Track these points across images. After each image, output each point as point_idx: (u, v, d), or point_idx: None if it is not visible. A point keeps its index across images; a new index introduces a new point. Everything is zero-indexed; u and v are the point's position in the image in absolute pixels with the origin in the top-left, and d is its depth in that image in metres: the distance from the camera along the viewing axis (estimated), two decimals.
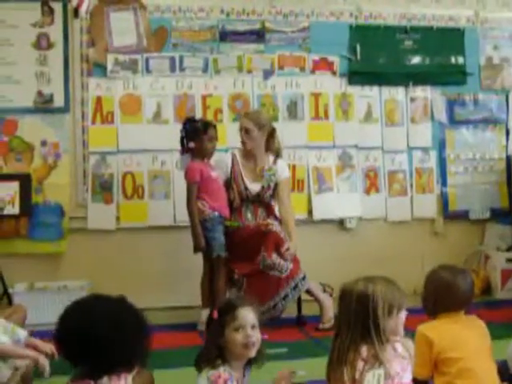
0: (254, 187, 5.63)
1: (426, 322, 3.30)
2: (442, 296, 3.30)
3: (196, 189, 5.42)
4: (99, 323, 2.42)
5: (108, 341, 2.41)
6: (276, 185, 5.69)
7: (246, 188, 5.62)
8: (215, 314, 2.97)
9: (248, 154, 5.69)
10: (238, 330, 2.94)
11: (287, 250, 5.40)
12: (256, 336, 2.97)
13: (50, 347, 3.84)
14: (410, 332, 3.04)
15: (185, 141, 5.52)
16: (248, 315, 2.99)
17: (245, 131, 5.60)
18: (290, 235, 5.53)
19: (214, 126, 5.58)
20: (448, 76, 6.73)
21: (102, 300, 2.55)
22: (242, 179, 5.64)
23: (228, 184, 5.63)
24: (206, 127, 5.50)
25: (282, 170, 5.74)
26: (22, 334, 3.88)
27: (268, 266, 5.35)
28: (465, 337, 3.19)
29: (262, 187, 5.63)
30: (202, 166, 5.47)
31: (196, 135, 5.46)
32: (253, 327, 2.98)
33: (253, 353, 2.97)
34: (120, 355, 2.43)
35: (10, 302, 5.52)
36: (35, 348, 3.86)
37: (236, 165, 5.68)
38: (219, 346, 2.92)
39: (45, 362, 3.78)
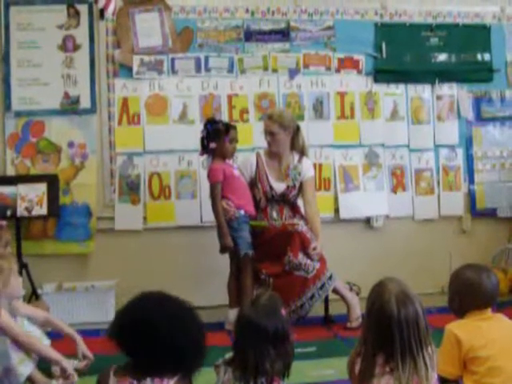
0: (280, 187, 5.64)
1: (455, 321, 3.29)
2: (467, 295, 3.29)
3: (220, 188, 5.43)
4: (167, 322, 2.44)
5: (170, 341, 2.42)
6: (301, 184, 5.69)
7: (272, 188, 5.62)
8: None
9: (273, 154, 5.69)
10: None
11: (314, 249, 5.40)
12: None
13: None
14: (438, 331, 3.03)
15: (205, 141, 5.52)
16: None
17: (270, 134, 5.60)
18: (316, 234, 5.53)
19: (235, 128, 5.59)
20: (474, 73, 6.69)
21: (174, 304, 2.56)
22: (267, 179, 5.64)
23: (253, 184, 5.64)
24: (227, 128, 5.51)
25: (307, 168, 5.74)
26: (29, 367, 3.90)
27: (294, 266, 5.35)
28: (493, 335, 3.17)
29: (287, 186, 5.64)
30: (224, 166, 5.48)
31: (217, 136, 5.47)
32: None
33: None
34: (171, 363, 2.44)
35: None
36: None
37: (261, 165, 5.68)
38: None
39: (68, 365, 3.85)
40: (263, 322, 2.80)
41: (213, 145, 5.47)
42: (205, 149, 5.54)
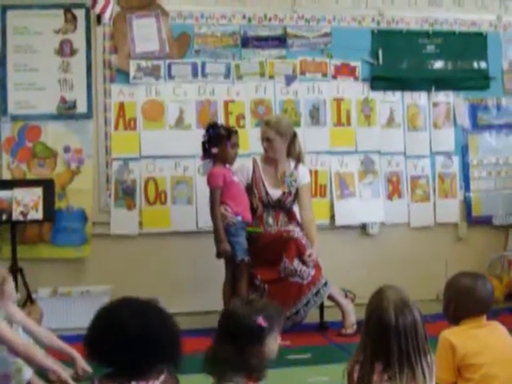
0: (275, 193, 5.64)
1: (450, 328, 3.29)
2: (462, 302, 3.29)
3: (219, 194, 5.43)
4: (132, 321, 2.44)
5: (139, 340, 2.42)
6: (297, 190, 5.69)
7: (267, 194, 5.63)
8: (263, 323, 2.92)
9: (269, 160, 5.70)
10: (277, 337, 2.92)
11: (309, 256, 5.39)
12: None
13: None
14: (433, 338, 3.02)
15: (207, 146, 5.52)
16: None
17: (266, 140, 5.61)
18: (311, 241, 5.53)
19: (236, 133, 5.59)
20: (471, 81, 6.70)
21: (137, 302, 2.57)
22: (263, 185, 5.65)
23: (249, 190, 5.64)
24: (229, 133, 5.51)
25: (303, 175, 5.74)
26: (28, 373, 3.89)
27: (290, 272, 5.35)
28: (488, 342, 3.17)
29: (283, 193, 5.64)
30: (225, 171, 5.48)
31: (219, 141, 5.46)
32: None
33: None
34: (150, 357, 2.45)
35: None
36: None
37: (257, 170, 5.69)
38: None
39: (65, 375, 3.84)
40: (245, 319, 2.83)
41: (215, 150, 5.46)
42: (206, 153, 5.54)
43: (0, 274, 4.07)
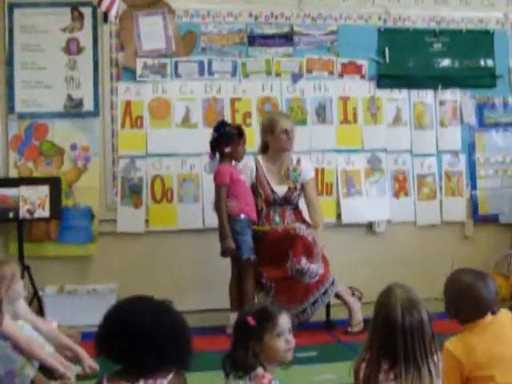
0: (281, 189, 5.63)
1: (453, 337, 3.19)
2: (463, 300, 3.23)
3: (225, 191, 5.42)
4: (144, 319, 2.45)
5: (150, 338, 2.43)
6: (302, 185, 5.69)
7: (273, 191, 5.61)
8: (252, 321, 2.93)
9: (272, 158, 5.69)
10: (279, 336, 2.93)
11: (322, 248, 5.38)
12: (293, 340, 2.98)
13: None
14: (438, 337, 3.01)
15: (215, 144, 5.50)
16: (287, 321, 2.98)
17: (286, 133, 5.60)
18: (317, 224, 5.59)
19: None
20: (477, 79, 6.69)
21: (149, 300, 2.58)
22: (268, 183, 5.63)
23: (254, 190, 5.63)
24: (240, 132, 5.51)
25: (307, 169, 5.75)
26: (32, 371, 3.91)
27: (297, 271, 5.32)
28: (495, 350, 3.08)
29: (289, 188, 5.63)
30: (231, 169, 5.47)
31: (231, 139, 5.45)
32: (290, 331, 2.98)
33: (291, 356, 2.97)
34: (160, 356, 2.45)
35: (40, 305, 5.56)
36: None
37: (260, 170, 5.67)
38: (254, 352, 2.91)
39: (64, 372, 3.88)
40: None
41: (228, 149, 5.45)
42: (215, 151, 5.53)
43: (10, 270, 4.08)
